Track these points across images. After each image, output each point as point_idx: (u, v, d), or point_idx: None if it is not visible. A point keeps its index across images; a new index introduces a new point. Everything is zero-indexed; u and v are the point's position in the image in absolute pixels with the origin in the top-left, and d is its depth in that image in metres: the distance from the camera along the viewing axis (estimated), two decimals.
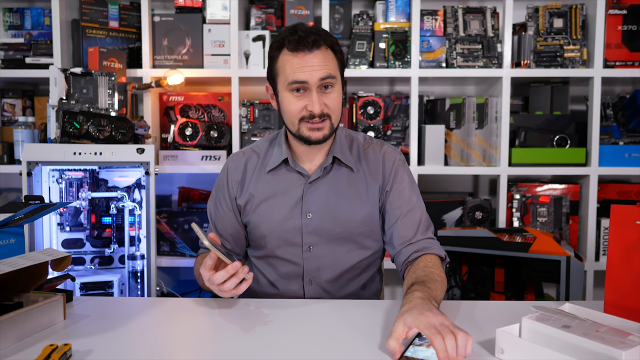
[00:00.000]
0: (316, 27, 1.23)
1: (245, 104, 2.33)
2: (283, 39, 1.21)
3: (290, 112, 1.23)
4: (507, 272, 2.00)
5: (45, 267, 1.07)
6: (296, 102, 1.21)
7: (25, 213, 1.19)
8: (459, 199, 2.41)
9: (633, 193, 2.35)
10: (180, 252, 2.33)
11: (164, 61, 2.33)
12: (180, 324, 1.09)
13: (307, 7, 2.35)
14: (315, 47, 1.19)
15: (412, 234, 1.27)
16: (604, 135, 2.29)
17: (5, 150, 2.26)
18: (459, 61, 2.29)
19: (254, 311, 1.13)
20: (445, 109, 2.34)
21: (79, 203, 1.97)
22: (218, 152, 2.29)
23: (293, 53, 1.19)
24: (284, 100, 1.23)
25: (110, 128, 2.00)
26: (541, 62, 2.27)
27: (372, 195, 1.31)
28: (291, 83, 1.19)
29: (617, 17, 2.24)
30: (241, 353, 0.92)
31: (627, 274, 0.97)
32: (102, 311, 1.13)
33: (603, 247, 2.29)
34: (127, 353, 0.91)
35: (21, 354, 0.89)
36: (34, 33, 2.38)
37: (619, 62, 2.25)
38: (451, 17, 2.31)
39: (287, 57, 1.20)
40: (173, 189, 2.56)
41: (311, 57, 1.19)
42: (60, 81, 1.97)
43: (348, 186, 1.30)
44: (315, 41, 1.18)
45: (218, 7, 2.29)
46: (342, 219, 1.29)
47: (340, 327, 1.03)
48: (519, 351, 0.85)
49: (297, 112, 1.22)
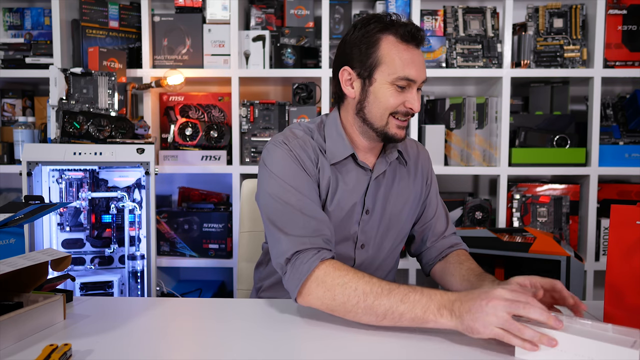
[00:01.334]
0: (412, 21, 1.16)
1: (245, 104, 2.33)
2: (390, 25, 1.12)
3: (386, 106, 1.14)
4: (507, 272, 1.99)
5: (45, 267, 1.07)
6: (397, 97, 1.13)
7: (25, 213, 1.19)
8: (459, 199, 2.41)
9: (633, 193, 2.35)
10: (180, 252, 2.33)
11: (164, 61, 2.33)
12: (180, 324, 1.09)
13: (307, 7, 2.35)
14: (421, 44, 1.14)
15: (444, 229, 1.33)
16: (604, 135, 2.29)
17: (5, 150, 2.26)
18: (459, 61, 2.29)
19: (255, 311, 1.13)
20: (445, 109, 2.34)
21: (79, 203, 1.97)
22: (218, 152, 2.29)
23: (405, 44, 1.12)
24: (382, 91, 1.13)
25: (110, 128, 2.00)
26: (541, 62, 2.27)
27: (420, 192, 1.32)
28: (401, 78, 1.11)
29: (617, 17, 2.24)
30: (241, 353, 0.92)
31: (627, 274, 0.97)
32: (102, 311, 1.13)
33: (603, 247, 2.29)
34: (127, 353, 0.91)
35: (21, 354, 0.89)
36: (34, 33, 2.38)
37: (619, 62, 2.25)
38: (451, 17, 2.31)
39: (396, 47, 1.12)
40: (173, 189, 2.56)
41: (417, 53, 1.13)
42: (60, 81, 1.97)
43: (402, 182, 1.28)
44: (423, 38, 1.14)
45: (218, 7, 2.29)
46: (397, 217, 1.27)
47: (341, 327, 1.03)
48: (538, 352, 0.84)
49: (394, 106, 1.14)
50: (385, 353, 0.91)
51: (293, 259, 1.05)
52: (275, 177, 1.14)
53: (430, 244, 1.32)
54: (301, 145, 1.18)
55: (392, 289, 0.97)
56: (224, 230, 2.29)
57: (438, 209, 1.35)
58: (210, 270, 2.57)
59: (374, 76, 1.14)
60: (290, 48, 2.29)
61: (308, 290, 1.02)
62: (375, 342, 0.95)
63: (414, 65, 1.12)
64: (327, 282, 1.01)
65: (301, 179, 1.14)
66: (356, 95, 1.18)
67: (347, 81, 1.18)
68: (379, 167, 1.24)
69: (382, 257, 1.28)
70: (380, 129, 1.17)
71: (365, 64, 1.14)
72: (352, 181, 1.21)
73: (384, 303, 0.95)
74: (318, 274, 1.02)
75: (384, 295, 0.96)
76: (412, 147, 1.35)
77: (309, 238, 1.06)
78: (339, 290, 0.99)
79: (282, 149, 1.17)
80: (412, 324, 0.95)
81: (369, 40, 1.13)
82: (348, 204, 1.20)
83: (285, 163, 1.15)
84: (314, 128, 1.24)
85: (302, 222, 1.08)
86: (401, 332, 0.97)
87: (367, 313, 0.97)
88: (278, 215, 1.11)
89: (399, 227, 1.28)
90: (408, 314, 0.94)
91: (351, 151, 1.20)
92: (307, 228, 1.07)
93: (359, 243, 1.24)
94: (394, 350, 0.91)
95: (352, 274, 1.01)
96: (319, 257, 1.04)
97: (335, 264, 1.03)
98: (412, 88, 1.14)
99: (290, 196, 1.11)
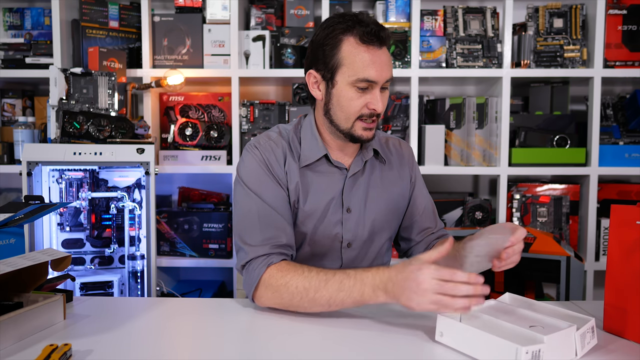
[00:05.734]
0: (376, 20, 1.16)
1: (245, 104, 2.33)
2: (352, 26, 1.12)
3: (350, 109, 1.15)
4: (507, 271, 1.99)
5: (45, 267, 1.07)
6: (358, 98, 1.14)
7: (25, 213, 1.19)
8: (459, 199, 2.41)
9: (633, 193, 2.35)
10: (180, 252, 2.33)
11: (164, 61, 2.33)
12: (180, 324, 1.09)
13: (307, 7, 2.35)
14: (384, 44, 1.14)
15: (433, 225, 1.35)
16: (604, 135, 2.29)
17: (5, 150, 2.26)
18: (459, 61, 2.28)
19: (254, 311, 1.13)
20: (445, 109, 2.34)
21: (79, 203, 1.97)
22: (218, 152, 2.29)
23: (365, 46, 1.12)
24: (344, 94, 1.15)
25: (110, 128, 2.00)
26: (541, 62, 2.27)
27: (404, 189, 1.33)
28: (361, 80, 1.12)
29: (617, 17, 2.24)
30: (242, 353, 0.92)
31: (627, 274, 0.97)
32: (102, 311, 1.13)
33: (603, 247, 2.29)
34: (127, 353, 0.91)
35: (21, 354, 0.89)
36: (34, 33, 2.38)
37: (619, 62, 2.25)
38: (451, 17, 2.31)
39: (356, 49, 1.12)
40: (173, 189, 2.56)
41: (380, 53, 1.13)
42: (60, 81, 1.97)
43: (383, 180, 1.29)
44: (387, 37, 1.13)
45: (218, 7, 2.29)
46: (382, 214, 1.28)
47: (341, 326, 1.03)
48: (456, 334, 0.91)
49: (357, 109, 1.15)
50: (384, 354, 0.91)
51: (247, 266, 1.14)
52: (242, 184, 1.20)
53: (417, 239, 1.34)
54: (272, 147, 1.21)
55: (328, 279, 1.05)
56: (224, 230, 2.29)
57: (425, 205, 1.35)
58: (210, 270, 2.57)
59: (335, 78, 1.15)
60: (290, 48, 2.29)
61: (259, 294, 1.11)
62: (374, 342, 0.95)
63: (374, 66, 1.12)
64: (273, 285, 1.09)
65: (265, 184, 1.18)
66: (322, 97, 1.20)
67: (313, 84, 1.20)
68: (355, 166, 1.25)
69: (371, 255, 1.30)
70: (346, 131, 1.19)
71: (327, 65, 1.15)
72: (326, 181, 1.24)
73: (323, 295, 1.04)
74: (265, 277, 1.10)
75: (322, 287, 1.04)
76: (395, 145, 1.36)
77: (261, 247, 1.13)
78: (283, 290, 1.08)
79: (252, 153, 1.21)
80: (358, 305, 1.04)
81: (331, 42, 1.14)
82: (323, 202, 1.23)
83: (251, 168, 1.20)
84: (291, 130, 1.27)
85: (258, 230, 1.15)
86: (390, 327, 0.98)
87: (313, 305, 1.06)
88: (239, 223, 1.18)
89: (384, 224, 1.29)
90: (348, 300, 1.03)
91: (324, 152, 1.22)
92: (261, 236, 1.14)
93: (344, 242, 1.26)
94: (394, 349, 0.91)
95: (292, 273, 1.08)
96: (266, 262, 1.11)
97: (280, 266, 1.10)
98: (374, 89, 1.14)
99: (252, 204, 1.17)
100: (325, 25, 1.16)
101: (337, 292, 1.03)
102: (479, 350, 0.86)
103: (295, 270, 1.08)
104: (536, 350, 0.80)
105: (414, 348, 0.92)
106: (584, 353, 0.89)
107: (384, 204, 1.28)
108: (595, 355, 0.90)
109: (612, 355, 0.90)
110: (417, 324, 1.03)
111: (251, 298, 1.13)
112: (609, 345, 0.94)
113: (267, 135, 1.25)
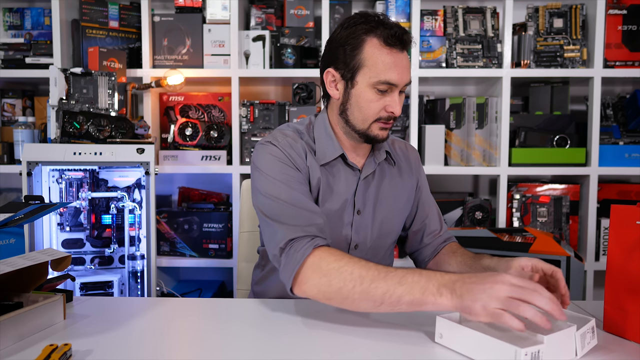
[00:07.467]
0: (398, 23, 1.14)
1: (245, 104, 2.33)
2: (375, 27, 1.11)
3: (368, 110, 1.14)
4: None
5: (45, 267, 1.07)
6: (377, 100, 1.13)
7: (25, 213, 1.19)
8: (459, 199, 2.41)
9: (633, 193, 2.35)
10: (180, 252, 2.33)
11: (164, 61, 2.33)
12: (180, 324, 1.09)
13: (307, 7, 2.35)
14: (406, 48, 1.12)
15: (439, 227, 1.35)
16: (604, 135, 2.29)
17: (5, 150, 2.26)
18: (459, 61, 2.29)
19: (254, 311, 1.13)
20: (445, 109, 2.34)
21: (79, 203, 1.97)
22: (218, 152, 2.29)
23: (388, 48, 1.11)
24: (364, 95, 1.14)
25: (110, 128, 2.00)
26: (541, 62, 2.27)
27: (411, 193, 1.33)
28: (382, 82, 1.11)
29: (617, 17, 2.24)
30: (241, 353, 0.92)
31: (627, 274, 0.97)
32: (102, 311, 1.13)
33: (603, 247, 2.29)
34: (127, 353, 0.91)
35: (21, 354, 0.89)
36: (34, 33, 2.38)
37: (619, 62, 2.25)
38: (451, 17, 2.31)
39: (379, 51, 1.11)
40: (173, 189, 2.56)
41: (402, 57, 1.12)
42: (60, 81, 1.97)
43: (392, 183, 1.29)
44: (409, 41, 1.12)
45: (218, 7, 2.29)
46: (389, 217, 1.28)
47: (340, 326, 1.03)
48: (456, 336, 0.89)
49: (376, 111, 1.14)
50: (385, 353, 0.91)
51: (287, 248, 1.04)
52: (265, 175, 1.14)
53: (426, 242, 1.34)
54: (290, 143, 1.18)
55: (389, 271, 0.94)
56: (224, 230, 2.29)
57: (431, 208, 1.36)
58: (210, 270, 2.57)
59: (355, 79, 1.14)
60: (290, 48, 2.29)
61: (303, 278, 1.00)
62: (374, 343, 0.95)
63: (396, 69, 1.11)
64: (323, 268, 0.98)
65: (289, 174, 1.14)
66: (340, 97, 1.19)
67: (331, 82, 1.19)
68: (368, 168, 1.24)
69: (377, 258, 1.29)
70: (362, 131, 1.18)
71: (348, 65, 1.14)
72: (341, 181, 1.22)
73: (380, 286, 0.93)
74: (313, 260, 1.00)
75: (381, 278, 0.94)
76: (402, 148, 1.36)
77: (301, 227, 1.05)
78: (335, 275, 0.97)
79: (270, 147, 1.17)
80: (411, 308, 0.92)
81: (353, 42, 1.12)
82: (337, 204, 1.21)
83: (273, 160, 1.15)
84: (303, 130, 1.24)
85: (294, 213, 1.07)
86: (385, 330, 0.98)
87: (364, 298, 0.95)
88: (270, 210, 1.10)
89: (391, 227, 1.29)
90: (406, 296, 0.91)
91: (341, 151, 1.21)
92: (299, 218, 1.06)
93: (352, 244, 1.24)
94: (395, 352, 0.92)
95: (347, 258, 0.99)
96: (312, 244, 1.02)
97: (330, 250, 1.02)
98: (394, 92, 1.14)
99: (281, 191, 1.10)
100: (347, 25, 1.14)
101: (396, 286, 0.92)
102: (479, 351, 0.86)
103: (351, 257, 0.99)
104: (535, 352, 0.80)
105: (413, 349, 0.92)
106: (584, 353, 0.89)
107: (393, 207, 1.28)
108: (595, 355, 0.90)
109: (613, 356, 0.90)
110: (416, 325, 1.03)
111: (290, 285, 1.02)
112: (609, 346, 0.94)
113: (281, 131, 1.22)
